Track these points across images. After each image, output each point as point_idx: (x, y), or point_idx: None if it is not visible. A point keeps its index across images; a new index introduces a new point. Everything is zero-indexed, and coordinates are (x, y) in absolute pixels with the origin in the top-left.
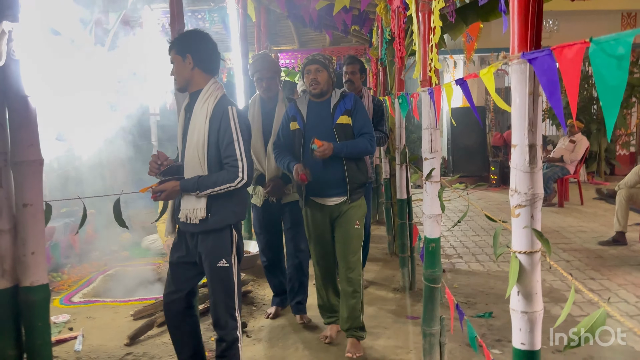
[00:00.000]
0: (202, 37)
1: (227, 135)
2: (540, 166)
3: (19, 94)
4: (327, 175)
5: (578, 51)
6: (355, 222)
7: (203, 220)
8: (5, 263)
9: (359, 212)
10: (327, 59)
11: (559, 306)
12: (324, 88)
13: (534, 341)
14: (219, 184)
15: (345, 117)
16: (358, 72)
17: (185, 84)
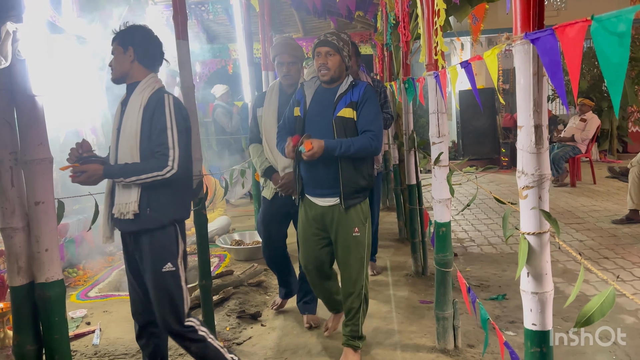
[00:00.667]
0: (146, 33)
1: (160, 122)
2: (547, 147)
3: (27, 94)
4: (320, 171)
5: (580, 30)
6: (353, 229)
7: (137, 216)
8: (20, 260)
9: (357, 218)
10: (343, 40)
11: (572, 286)
12: (335, 74)
13: (545, 321)
14: (147, 171)
15: (348, 110)
16: (353, 55)
17: (122, 75)
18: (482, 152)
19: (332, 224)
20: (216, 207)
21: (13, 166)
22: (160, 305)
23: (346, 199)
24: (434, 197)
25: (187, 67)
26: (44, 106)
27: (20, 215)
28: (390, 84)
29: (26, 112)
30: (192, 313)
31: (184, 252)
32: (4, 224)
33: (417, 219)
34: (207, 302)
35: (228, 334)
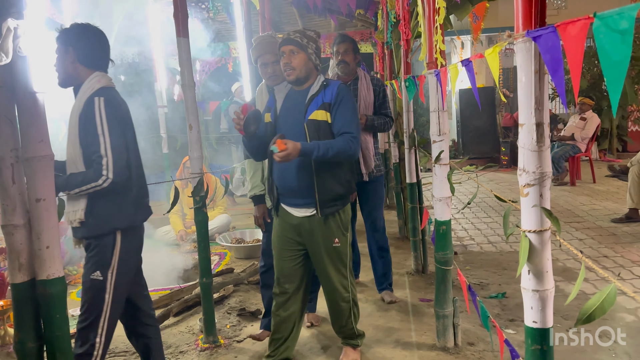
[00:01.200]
0: (86, 31)
1: (91, 128)
2: (548, 145)
3: (28, 91)
4: (293, 179)
5: (582, 27)
6: (333, 240)
7: (83, 223)
8: (21, 257)
9: (336, 228)
10: (308, 37)
11: (572, 285)
12: (301, 74)
13: (545, 319)
14: (85, 182)
15: (321, 113)
16: (351, 51)
17: (66, 77)
18: (482, 151)
19: (310, 235)
20: (216, 205)
21: (14, 163)
22: (81, 310)
23: (322, 208)
24: (434, 196)
25: (187, 65)
26: (45, 103)
27: (21, 213)
28: (391, 82)
29: (27, 109)
30: (193, 310)
31: (122, 261)
32: (5, 221)
33: (417, 217)
34: (208, 300)
35: (228, 332)
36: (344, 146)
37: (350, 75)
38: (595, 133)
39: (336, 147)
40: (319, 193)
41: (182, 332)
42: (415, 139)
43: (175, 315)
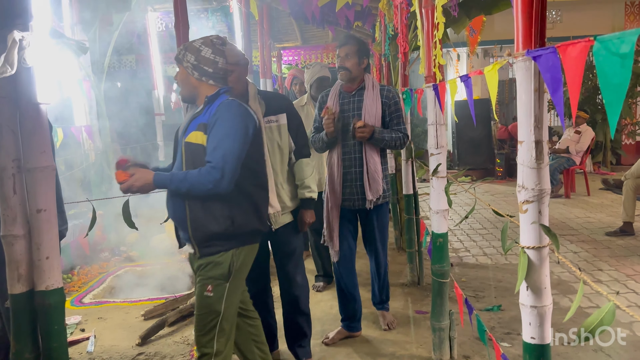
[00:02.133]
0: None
1: None
2: (547, 162)
3: (31, 102)
4: (170, 209)
5: (582, 49)
6: (206, 287)
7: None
8: (20, 268)
9: (212, 272)
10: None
11: (567, 298)
12: (184, 92)
13: (543, 335)
14: None
15: (197, 135)
16: (354, 55)
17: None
18: (477, 162)
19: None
20: None
21: (15, 173)
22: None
23: (200, 247)
24: (431, 208)
25: None
26: (47, 113)
27: (21, 223)
28: None
29: (30, 119)
30: (188, 320)
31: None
32: (5, 231)
33: (413, 228)
34: None
35: None
36: (198, 180)
37: (353, 83)
38: (590, 146)
39: (189, 180)
40: (192, 229)
41: (176, 342)
42: (412, 151)
43: (170, 325)
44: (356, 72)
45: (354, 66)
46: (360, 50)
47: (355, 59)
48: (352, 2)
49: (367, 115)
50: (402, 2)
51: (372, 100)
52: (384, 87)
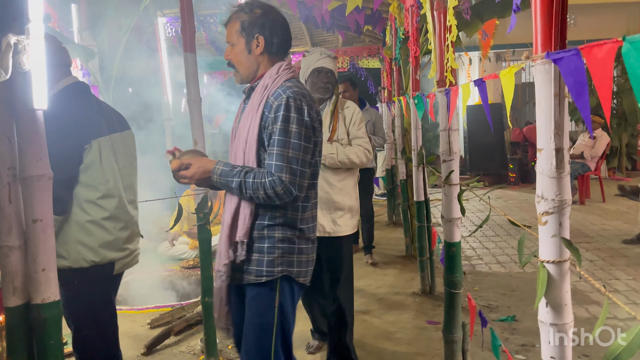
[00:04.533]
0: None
1: None
2: (568, 171)
3: (27, 108)
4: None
5: (609, 51)
6: None
7: None
8: (16, 280)
9: None
10: None
11: (583, 308)
12: None
13: (564, 354)
14: None
15: None
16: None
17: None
18: (490, 168)
19: None
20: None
21: (11, 182)
22: None
23: None
24: (443, 216)
25: (193, 80)
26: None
27: (17, 234)
28: (399, 98)
29: (26, 126)
30: (194, 329)
31: None
32: (0, 242)
33: (425, 236)
34: (209, 319)
35: (230, 353)
36: None
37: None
38: (605, 151)
39: None
40: None
41: (182, 352)
42: (423, 157)
43: (176, 334)
44: (245, 64)
45: (240, 55)
46: (246, 25)
47: (241, 43)
48: (362, 5)
49: (239, 135)
50: (412, 5)
51: (250, 110)
52: (284, 86)
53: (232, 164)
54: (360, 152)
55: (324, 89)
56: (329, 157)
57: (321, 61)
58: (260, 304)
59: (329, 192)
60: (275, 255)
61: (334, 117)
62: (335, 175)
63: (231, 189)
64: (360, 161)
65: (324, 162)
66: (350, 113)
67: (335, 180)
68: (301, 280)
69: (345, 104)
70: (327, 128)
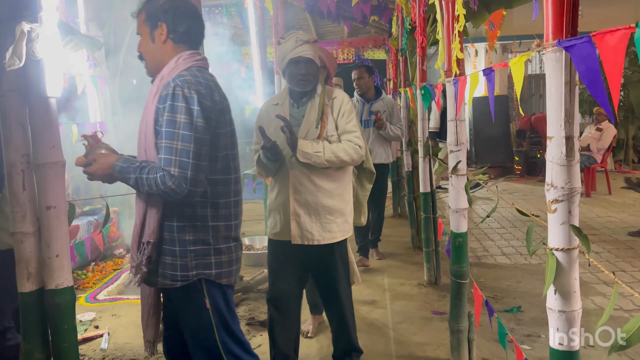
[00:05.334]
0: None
1: None
2: (578, 159)
3: (40, 95)
4: None
5: (622, 37)
6: None
7: None
8: (30, 266)
9: None
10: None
11: (589, 299)
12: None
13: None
14: None
15: None
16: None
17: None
18: (495, 160)
19: None
20: None
21: (25, 169)
22: None
23: None
24: (450, 207)
25: None
26: (56, 108)
27: (31, 220)
28: (405, 89)
29: (39, 114)
30: None
31: None
32: (14, 229)
33: (430, 227)
34: None
35: None
36: None
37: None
38: (611, 144)
39: None
40: None
41: None
42: (429, 148)
43: None
44: (150, 54)
45: (146, 45)
46: (150, 13)
47: (146, 32)
48: None
49: (139, 129)
50: None
51: (146, 103)
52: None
53: (132, 159)
54: (349, 148)
55: (304, 81)
56: (314, 156)
57: (298, 49)
58: (190, 307)
59: (317, 195)
60: (187, 259)
61: (321, 111)
62: (323, 175)
63: (131, 186)
64: (350, 159)
65: (309, 161)
66: (338, 104)
67: (322, 181)
68: (224, 281)
69: (333, 94)
70: (314, 123)
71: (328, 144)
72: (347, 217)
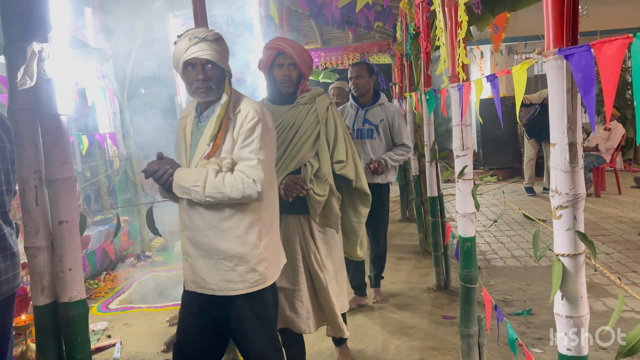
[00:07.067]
0: None
1: None
2: (582, 165)
3: (52, 113)
4: None
5: (620, 47)
6: None
7: None
8: (43, 279)
9: None
10: None
11: (600, 302)
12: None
13: (580, 347)
14: None
15: None
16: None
17: None
18: (503, 162)
19: None
20: None
21: (37, 185)
22: None
23: None
24: (457, 211)
25: None
26: (67, 124)
27: (44, 235)
28: (410, 94)
29: (51, 131)
30: None
31: None
32: (28, 243)
33: (439, 231)
34: None
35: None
36: None
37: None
38: (620, 143)
39: None
40: None
41: None
42: (436, 152)
43: None
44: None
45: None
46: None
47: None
48: (373, 2)
49: None
50: (423, 1)
51: None
52: None
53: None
54: (239, 182)
55: (202, 89)
56: (193, 190)
57: (192, 50)
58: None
59: (208, 235)
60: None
61: (219, 125)
62: (216, 211)
63: None
64: (240, 195)
65: (189, 197)
66: (240, 120)
67: (214, 218)
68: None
69: (239, 106)
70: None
71: (212, 176)
72: (253, 266)
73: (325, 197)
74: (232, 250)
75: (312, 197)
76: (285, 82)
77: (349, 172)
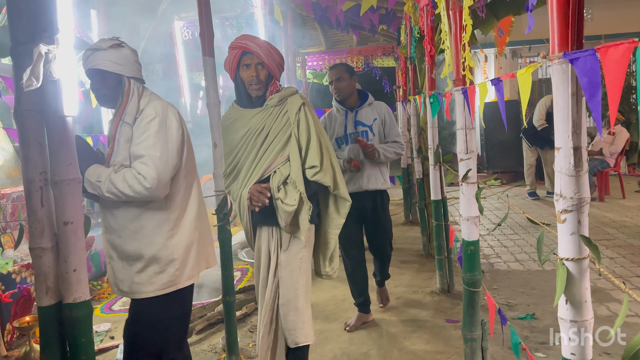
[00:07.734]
0: None
1: None
2: (587, 169)
3: (57, 114)
4: None
5: (625, 51)
6: None
7: None
8: (48, 280)
9: None
10: None
11: (604, 306)
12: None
13: (585, 352)
14: None
15: None
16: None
17: None
18: (506, 165)
19: None
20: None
21: (43, 186)
22: None
23: None
24: (461, 215)
25: (212, 84)
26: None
27: (49, 236)
28: (415, 97)
29: (57, 132)
30: (215, 328)
31: None
32: (33, 244)
33: (442, 235)
34: (230, 318)
35: (251, 351)
36: None
37: None
38: (624, 147)
39: None
40: None
41: (204, 350)
42: (440, 156)
43: (198, 332)
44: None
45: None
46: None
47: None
48: (377, 5)
49: None
50: (427, 4)
51: None
52: None
53: None
54: (130, 178)
55: (100, 98)
56: (96, 185)
57: (87, 62)
58: None
59: (122, 237)
60: None
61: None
62: (125, 212)
63: None
64: (133, 192)
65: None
66: (140, 119)
67: (125, 219)
68: None
69: (143, 108)
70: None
71: (114, 172)
72: (163, 267)
73: (295, 206)
74: (141, 251)
75: (280, 207)
76: (253, 83)
77: (323, 178)
